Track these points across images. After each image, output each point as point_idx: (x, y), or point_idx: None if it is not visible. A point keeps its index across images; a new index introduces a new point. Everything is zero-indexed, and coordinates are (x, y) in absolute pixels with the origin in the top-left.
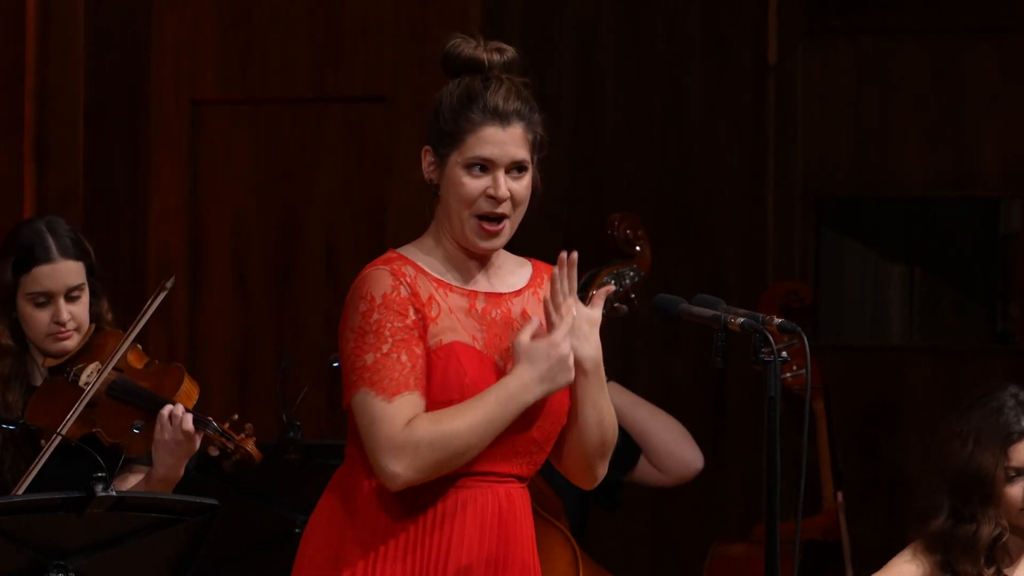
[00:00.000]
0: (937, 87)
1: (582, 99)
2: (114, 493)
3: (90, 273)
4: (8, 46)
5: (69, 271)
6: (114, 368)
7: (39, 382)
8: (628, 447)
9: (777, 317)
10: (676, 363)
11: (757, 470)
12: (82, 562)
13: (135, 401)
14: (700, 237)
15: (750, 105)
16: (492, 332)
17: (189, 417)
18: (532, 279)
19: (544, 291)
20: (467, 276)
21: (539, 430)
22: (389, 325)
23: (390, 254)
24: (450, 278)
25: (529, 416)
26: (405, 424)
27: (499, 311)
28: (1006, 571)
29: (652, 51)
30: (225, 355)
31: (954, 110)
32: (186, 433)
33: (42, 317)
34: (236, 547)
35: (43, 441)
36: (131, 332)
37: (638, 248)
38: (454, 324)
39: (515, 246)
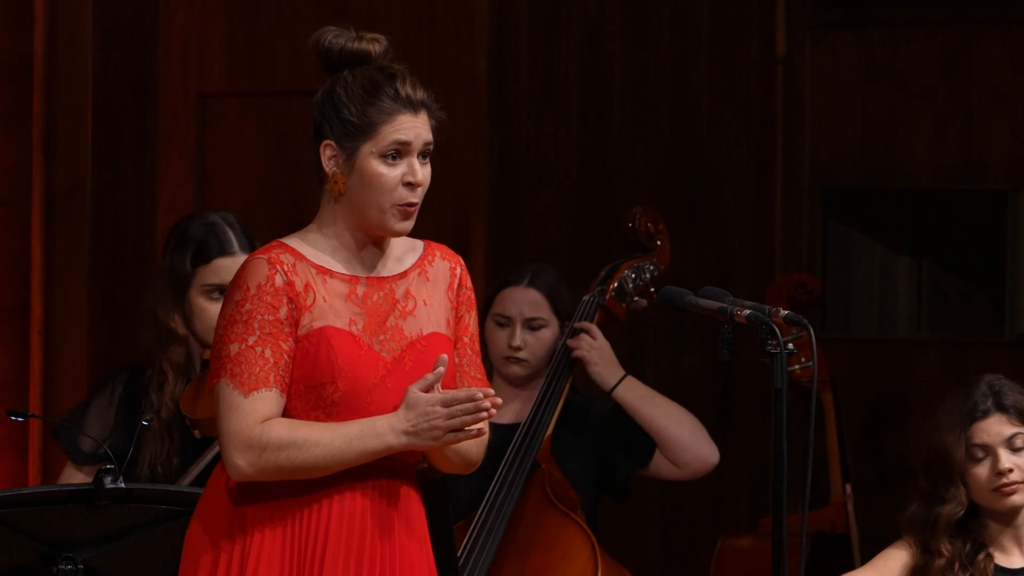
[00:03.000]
0: (945, 79)
1: (590, 91)
2: (123, 485)
3: None
4: (16, 38)
5: None
6: None
7: (194, 373)
8: (643, 441)
9: (784, 309)
10: (684, 355)
11: (765, 462)
12: (91, 554)
13: None
14: (708, 229)
15: (758, 97)
16: (374, 315)
17: None
18: (421, 259)
19: (433, 271)
20: (351, 263)
21: None
22: (259, 317)
23: (272, 243)
24: (332, 265)
25: (403, 395)
26: (260, 421)
27: (381, 294)
28: (991, 550)
29: (660, 43)
30: None
31: (962, 102)
32: None
33: (215, 311)
34: None
35: (197, 432)
36: None
37: (659, 242)
38: (331, 310)
39: (522, 240)
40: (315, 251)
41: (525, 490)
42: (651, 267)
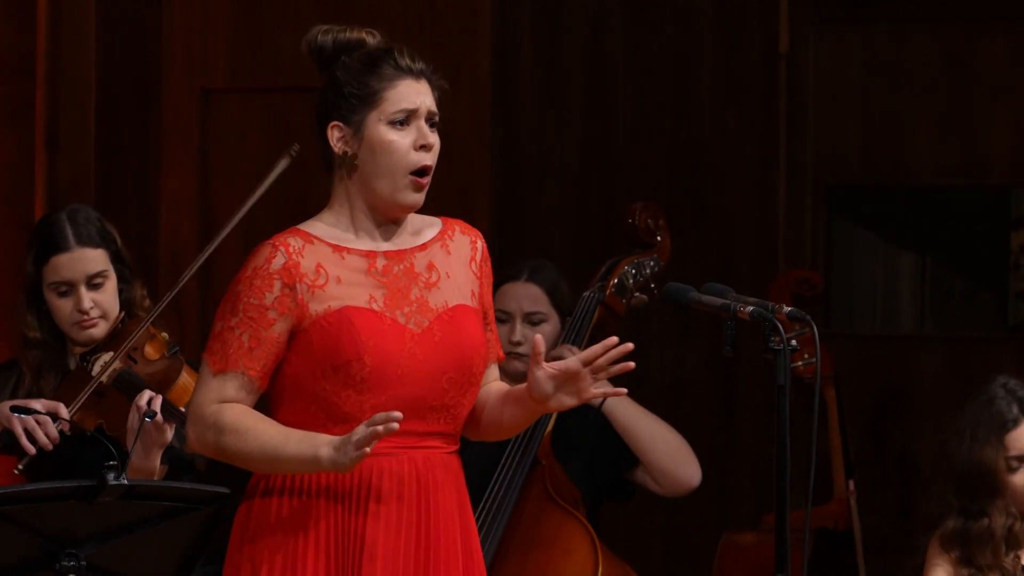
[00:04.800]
0: (947, 76)
1: (592, 89)
2: (125, 482)
3: (116, 260)
4: (19, 34)
5: (87, 259)
6: (130, 358)
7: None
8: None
9: (788, 306)
10: (687, 352)
11: (768, 459)
12: (93, 551)
13: (133, 393)
14: (711, 226)
15: (761, 95)
16: (394, 288)
17: (158, 402)
18: (441, 233)
19: (455, 244)
20: (369, 239)
21: (448, 381)
22: (245, 300)
23: (287, 229)
24: (348, 242)
25: (435, 366)
26: (218, 401)
27: (401, 267)
28: (1020, 553)
29: (662, 40)
30: None
31: (964, 99)
32: (155, 423)
33: (65, 306)
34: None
35: (66, 428)
36: (150, 316)
37: (659, 238)
38: (348, 288)
39: (524, 238)
40: (330, 231)
41: (526, 486)
42: (651, 263)
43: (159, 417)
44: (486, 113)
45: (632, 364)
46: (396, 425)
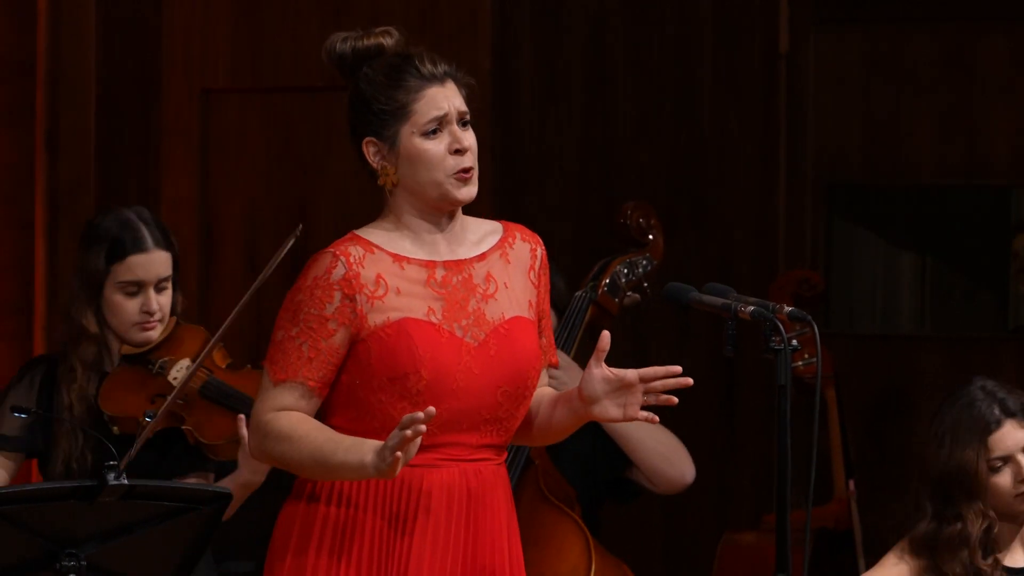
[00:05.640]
0: (948, 76)
1: (593, 89)
2: (125, 482)
3: (175, 266)
4: (19, 34)
5: (161, 261)
6: (203, 366)
7: (110, 369)
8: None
9: (788, 306)
10: (687, 351)
11: (769, 459)
12: (94, 551)
13: (230, 403)
14: (711, 226)
15: (761, 94)
16: (452, 300)
17: None
18: (501, 241)
19: (514, 253)
20: (428, 247)
21: (503, 394)
22: (306, 311)
23: (347, 235)
24: (408, 251)
25: (490, 380)
26: (276, 410)
27: (460, 277)
28: (999, 556)
29: (663, 40)
30: (237, 343)
31: (965, 99)
32: None
33: (131, 306)
34: (248, 534)
35: (116, 428)
36: (222, 328)
37: (651, 236)
38: (407, 299)
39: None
40: (389, 237)
41: (519, 486)
42: (644, 262)
43: None
44: (486, 113)
45: (675, 400)
46: (423, 427)
